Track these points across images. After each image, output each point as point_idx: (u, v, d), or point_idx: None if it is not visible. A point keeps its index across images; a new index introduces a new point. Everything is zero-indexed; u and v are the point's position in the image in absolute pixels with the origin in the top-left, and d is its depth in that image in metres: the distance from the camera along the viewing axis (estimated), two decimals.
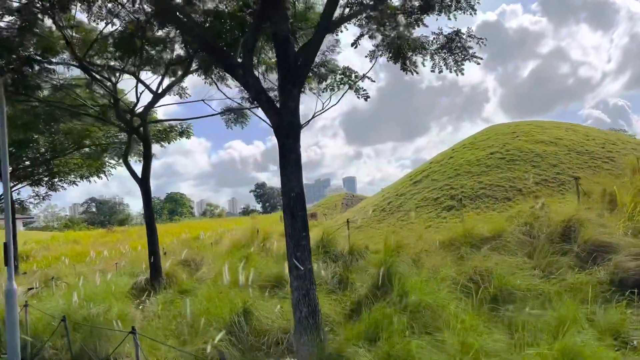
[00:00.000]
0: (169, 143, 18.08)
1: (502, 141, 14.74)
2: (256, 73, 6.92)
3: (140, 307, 10.75)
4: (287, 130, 5.66)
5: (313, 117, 6.14)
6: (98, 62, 11.75)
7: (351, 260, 9.78)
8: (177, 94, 12.18)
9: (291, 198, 5.68)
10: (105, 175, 24.36)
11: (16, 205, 27.45)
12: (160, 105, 12.63)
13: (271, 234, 14.34)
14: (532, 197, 11.51)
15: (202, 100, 12.06)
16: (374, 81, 7.72)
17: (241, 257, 11.70)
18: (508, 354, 4.78)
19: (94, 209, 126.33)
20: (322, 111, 6.63)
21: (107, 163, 24.21)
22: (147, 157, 11.83)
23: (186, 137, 18.26)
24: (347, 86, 7.54)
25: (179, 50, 12.11)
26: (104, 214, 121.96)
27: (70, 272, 17.20)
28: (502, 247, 8.25)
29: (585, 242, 7.54)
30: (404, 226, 11.88)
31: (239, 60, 6.38)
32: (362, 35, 7.08)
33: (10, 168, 22.43)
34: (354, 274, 8.89)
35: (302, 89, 6.45)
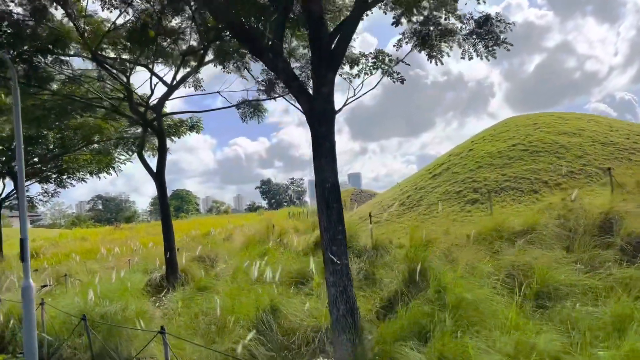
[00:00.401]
0: (179, 137, 17.78)
1: (523, 132, 14.33)
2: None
3: (158, 305, 10.47)
4: (321, 117, 5.32)
5: (346, 103, 5.79)
6: (111, 54, 11.45)
7: (376, 255, 9.44)
8: (192, 86, 11.87)
9: (325, 189, 5.34)
10: (115, 171, 24.12)
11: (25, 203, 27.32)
12: (175, 98, 12.32)
13: (286, 230, 14.02)
14: (559, 190, 11.13)
15: (218, 92, 11.75)
16: (409, 64, 7.36)
17: (259, 253, 11.40)
18: (569, 355, 4.44)
19: (100, 207, 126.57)
20: (355, 97, 6.28)
21: (116, 159, 23.97)
22: (162, 151, 11.53)
23: (196, 132, 17.95)
24: (379, 70, 7.18)
25: (192, 42, 11.82)
26: (110, 211, 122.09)
27: (82, 269, 16.94)
28: (537, 240, 7.87)
29: (629, 235, 7.17)
30: (426, 220, 11.51)
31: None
32: (401, 15, 6.71)
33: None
34: (380, 269, 8.55)
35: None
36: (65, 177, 26.40)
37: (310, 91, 5.49)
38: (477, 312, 5.57)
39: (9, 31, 8.25)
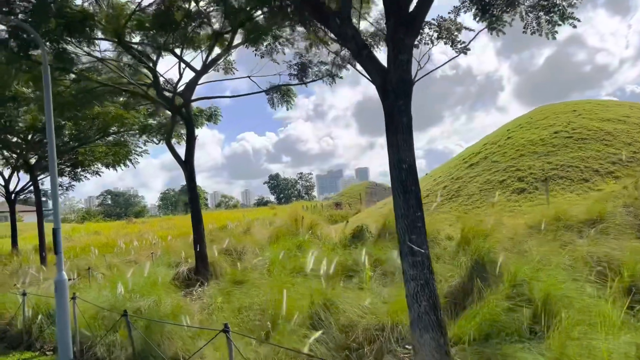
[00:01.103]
0: (197, 127, 17.29)
1: (564, 120, 13.64)
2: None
3: (191, 299, 9.96)
4: (397, 89, 4.71)
5: (424, 75, 5.15)
6: (136, 39, 10.91)
7: None
8: (222, 69, 11.28)
9: (402, 170, 4.74)
10: (132, 163, 23.65)
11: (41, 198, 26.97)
12: (205, 82, 11.69)
13: (316, 221, 13.45)
14: (611, 178, 10.47)
15: (249, 77, 11.15)
16: (473, 30, 6.72)
17: (293, 245, 10.84)
18: None
19: (109, 201, 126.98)
20: (432, 70, 5.62)
21: (133, 151, 23.51)
22: (190, 138, 10.98)
23: (214, 122, 17.43)
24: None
25: (218, 25, 11.24)
26: (119, 206, 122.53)
27: (101, 263, 16.48)
28: (609, 230, 7.24)
29: None
30: (469, 210, 10.90)
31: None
32: None
33: (36, 157, 21.81)
34: (433, 262, 7.96)
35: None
36: (79, 170, 26.03)
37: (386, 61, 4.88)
38: (570, 310, 4.97)
39: (34, 1, 7.70)
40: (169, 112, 16.78)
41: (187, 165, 10.73)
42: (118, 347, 7.20)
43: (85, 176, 26.61)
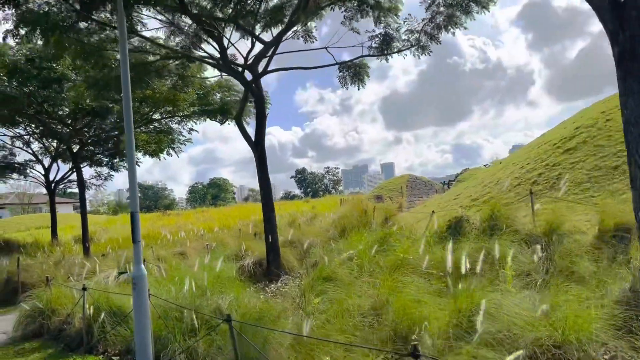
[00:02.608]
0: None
1: None
2: None
3: (271, 297, 8.76)
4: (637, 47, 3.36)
5: None
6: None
7: (549, 242, 7.41)
8: (301, 37, 10.00)
9: None
10: (175, 152, 22.73)
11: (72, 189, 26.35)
12: (280, 53, 10.22)
13: (392, 212, 12.09)
14: None
15: (325, 47, 9.85)
16: None
17: (376, 238, 9.49)
18: None
19: (139, 194, 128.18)
20: None
21: (176, 139, 22.59)
22: (260, 117, 9.76)
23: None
24: None
25: None
26: (149, 199, 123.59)
27: (147, 255, 15.50)
28: None
29: None
30: (584, 200, 9.37)
31: None
32: None
33: (79, 144, 21.03)
34: (576, 261, 6.53)
35: None
36: (117, 160, 25.32)
37: None
38: None
39: None
40: (235, 87, 15.72)
41: (258, 146, 9.51)
42: (204, 355, 6.01)
43: (124, 165, 25.91)
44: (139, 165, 26.38)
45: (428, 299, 5.67)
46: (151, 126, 21.69)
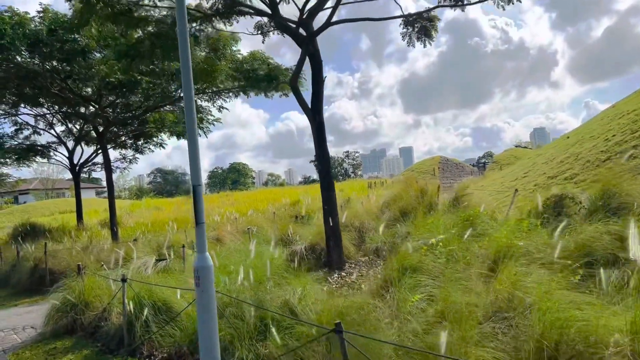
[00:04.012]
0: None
1: None
2: None
3: (336, 288, 7.50)
4: None
5: None
6: None
7: None
8: None
9: None
10: (204, 132, 21.54)
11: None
12: (344, 3, 8.76)
13: (463, 191, 10.67)
14: None
15: None
16: None
17: (457, 221, 8.10)
18: None
19: (159, 179, 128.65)
20: None
21: (204, 119, 21.37)
22: (317, 81, 8.40)
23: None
24: None
25: None
26: (169, 184, 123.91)
27: (178, 239, 14.37)
28: None
29: None
30: None
31: None
32: None
33: (104, 124, 19.93)
34: None
35: None
36: (141, 142, 24.30)
37: None
38: None
39: None
40: (269, 59, 14.42)
41: (316, 114, 8.18)
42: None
43: (149, 148, 24.91)
44: (163, 147, 25.35)
45: (579, 299, 4.30)
46: (179, 104, 20.52)
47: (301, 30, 8.31)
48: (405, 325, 4.93)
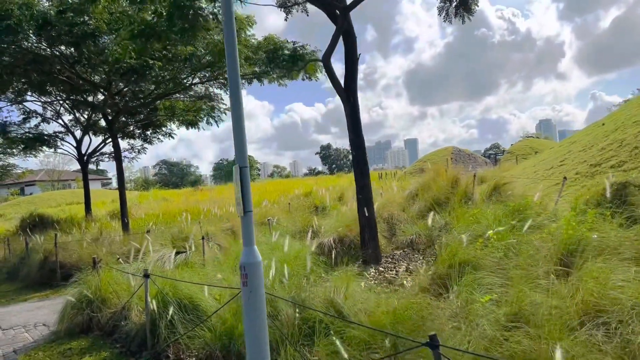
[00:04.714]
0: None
1: None
2: None
3: (375, 284, 6.84)
4: None
5: None
6: None
7: None
8: None
9: None
10: (215, 121, 20.83)
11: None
12: None
13: (502, 181, 9.97)
14: None
15: None
16: None
17: (506, 212, 7.41)
18: None
19: (164, 171, 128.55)
20: None
21: (216, 107, 20.67)
22: (351, 59, 7.69)
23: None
24: None
25: None
26: (174, 176, 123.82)
27: (189, 230, 13.74)
28: None
29: None
30: None
31: None
32: None
33: (113, 114, 19.28)
34: None
35: None
36: (149, 132, 23.66)
37: None
38: None
39: None
40: (284, 44, 13.71)
41: (350, 94, 7.49)
42: None
43: (158, 138, 24.27)
44: (172, 137, 24.65)
45: None
46: (190, 92, 19.86)
47: (336, 2, 7.59)
48: (474, 330, 4.28)
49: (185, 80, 17.49)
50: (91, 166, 25.80)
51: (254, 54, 13.81)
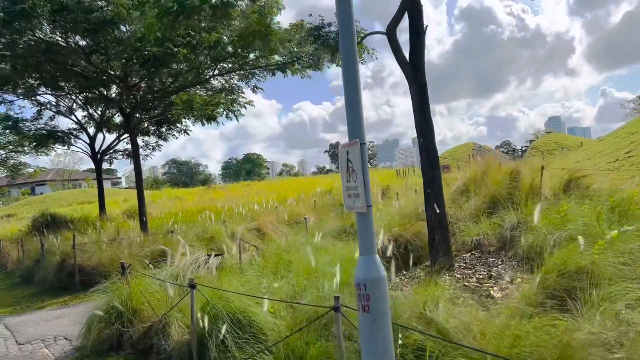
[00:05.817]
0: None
1: None
2: None
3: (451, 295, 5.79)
4: None
5: None
6: None
7: None
8: None
9: None
10: (235, 115, 19.78)
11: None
12: None
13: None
14: None
15: None
16: None
17: (604, 210, 6.34)
18: None
19: (174, 170, 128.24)
20: None
21: (236, 100, 19.64)
22: (417, 33, 6.64)
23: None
24: None
25: None
26: (184, 175, 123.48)
27: (214, 230, 12.76)
28: None
29: None
30: None
31: None
32: None
33: (129, 109, 18.36)
34: None
35: None
36: (164, 129, 22.77)
37: None
38: None
39: None
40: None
41: (416, 70, 6.44)
42: None
43: (173, 134, 23.37)
44: (188, 134, 23.71)
45: None
46: (209, 85, 18.90)
47: None
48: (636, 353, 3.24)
49: (206, 72, 16.51)
50: (104, 164, 24.90)
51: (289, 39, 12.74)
